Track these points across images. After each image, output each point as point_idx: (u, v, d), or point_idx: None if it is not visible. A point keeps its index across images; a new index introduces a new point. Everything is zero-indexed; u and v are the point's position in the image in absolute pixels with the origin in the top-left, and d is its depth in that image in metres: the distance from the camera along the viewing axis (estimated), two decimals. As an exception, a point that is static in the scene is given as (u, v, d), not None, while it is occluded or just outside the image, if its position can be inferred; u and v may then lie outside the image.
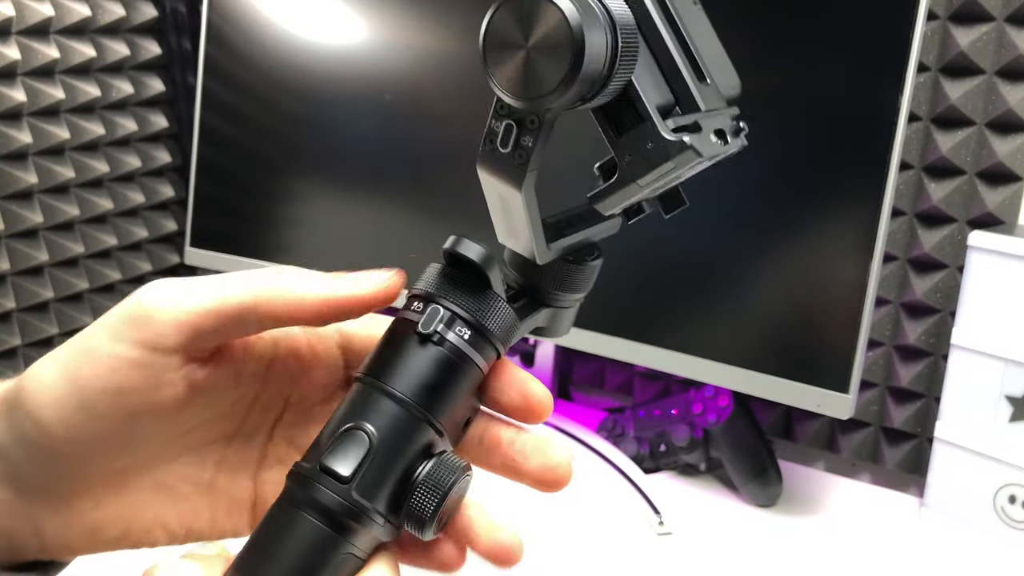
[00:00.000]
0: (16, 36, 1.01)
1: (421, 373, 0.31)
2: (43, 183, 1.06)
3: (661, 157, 0.32)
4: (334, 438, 0.30)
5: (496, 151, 0.32)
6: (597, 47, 0.29)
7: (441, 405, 0.32)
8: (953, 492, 0.78)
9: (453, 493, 0.31)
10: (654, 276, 0.81)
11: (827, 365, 0.73)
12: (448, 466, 0.31)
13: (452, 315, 0.32)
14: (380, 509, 0.30)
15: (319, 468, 0.30)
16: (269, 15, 1.00)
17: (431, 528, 0.31)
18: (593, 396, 1.09)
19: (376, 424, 0.31)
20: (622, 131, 0.32)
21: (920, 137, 0.84)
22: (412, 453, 0.31)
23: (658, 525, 0.77)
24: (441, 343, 0.32)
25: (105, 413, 0.29)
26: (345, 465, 0.30)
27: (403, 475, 0.31)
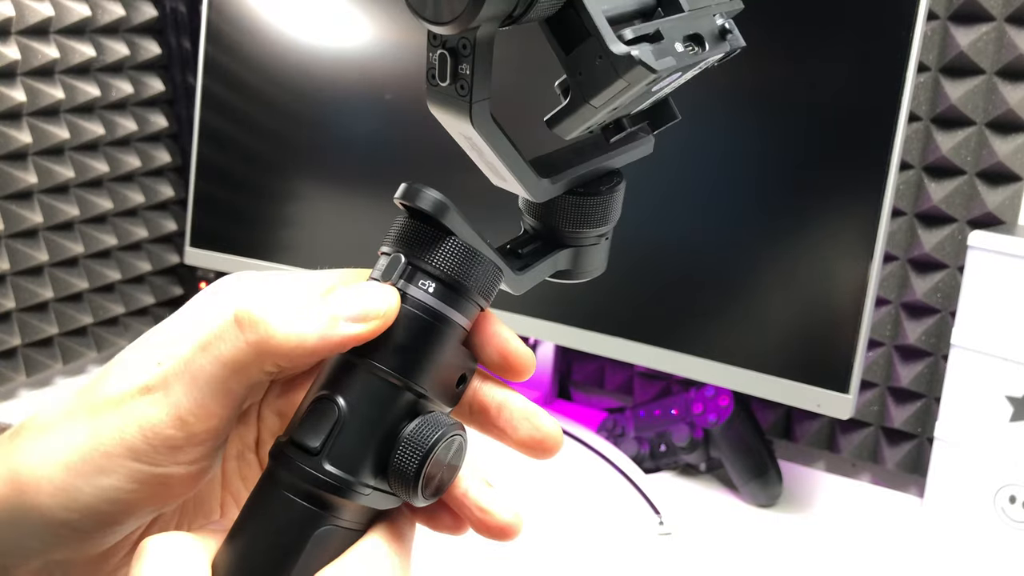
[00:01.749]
0: (16, 36, 1.00)
1: (389, 335, 0.29)
2: (43, 183, 1.05)
3: (610, 74, 0.28)
4: (304, 411, 0.30)
5: (438, 87, 0.30)
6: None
7: (416, 366, 0.30)
8: (953, 492, 0.78)
9: (439, 451, 0.29)
10: (654, 276, 0.81)
11: (827, 365, 0.73)
12: (432, 423, 0.29)
13: (412, 267, 0.30)
14: (363, 479, 0.29)
15: (291, 442, 0.29)
16: (269, 15, 1.00)
17: (418, 490, 0.29)
18: (593, 396, 1.09)
19: (345, 393, 0.29)
20: (571, 47, 0.29)
21: (920, 137, 0.84)
22: (390, 419, 0.29)
23: (658, 525, 0.77)
24: (404, 299, 0.30)
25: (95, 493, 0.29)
26: (314, 437, 0.29)
27: (384, 441, 0.29)
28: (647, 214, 0.80)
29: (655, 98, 0.33)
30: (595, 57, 0.28)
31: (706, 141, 0.77)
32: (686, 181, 0.78)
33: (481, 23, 0.27)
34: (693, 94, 0.77)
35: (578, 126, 0.31)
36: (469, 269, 0.30)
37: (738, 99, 0.75)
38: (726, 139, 0.76)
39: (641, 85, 0.29)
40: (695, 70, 0.32)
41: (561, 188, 0.33)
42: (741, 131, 0.76)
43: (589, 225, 0.34)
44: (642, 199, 0.80)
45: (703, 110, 0.77)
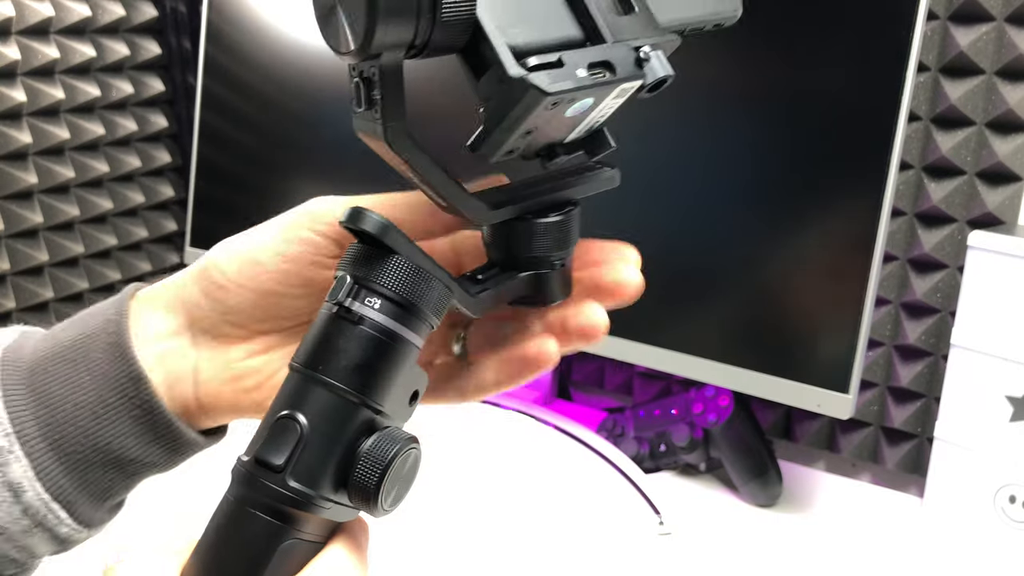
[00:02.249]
0: (16, 36, 1.01)
1: (344, 354, 0.31)
2: (43, 183, 1.06)
3: (510, 98, 0.30)
4: (267, 429, 0.31)
5: (358, 113, 0.32)
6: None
7: (372, 384, 0.31)
8: (953, 492, 0.78)
9: (396, 464, 0.30)
10: (654, 276, 0.81)
11: (827, 365, 0.73)
12: (389, 438, 0.31)
13: (359, 287, 0.31)
14: (324, 493, 0.30)
15: (255, 460, 0.30)
16: (269, 15, 1.00)
17: (378, 503, 0.30)
18: (593, 396, 1.09)
19: (306, 411, 0.30)
20: (479, 74, 0.31)
21: (920, 137, 0.84)
22: (349, 434, 0.30)
23: (658, 525, 0.77)
24: (359, 321, 0.31)
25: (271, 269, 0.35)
26: (277, 455, 0.30)
27: (344, 457, 0.30)
28: (647, 214, 0.80)
29: (585, 126, 0.34)
30: (498, 82, 0.29)
31: (706, 141, 0.77)
32: (686, 181, 0.78)
33: (382, 52, 0.29)
34: (693, 95, 0.77)
35: (495, 150, 0.32)
36: (416, 287, 0.31)
37: (738, 99, 0.75)
38: (726, 139, 0.76)
39: (541, 108, 0.29)
40: (614, 97, 0.32)
41: (508, 213, 0.34)
42: (741, 131, 0.76)
43: (541, 250, 0.36)
44: (642, 200, 0.80)
45: (703, 110, 0.77)
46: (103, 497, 0.35)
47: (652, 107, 0.84)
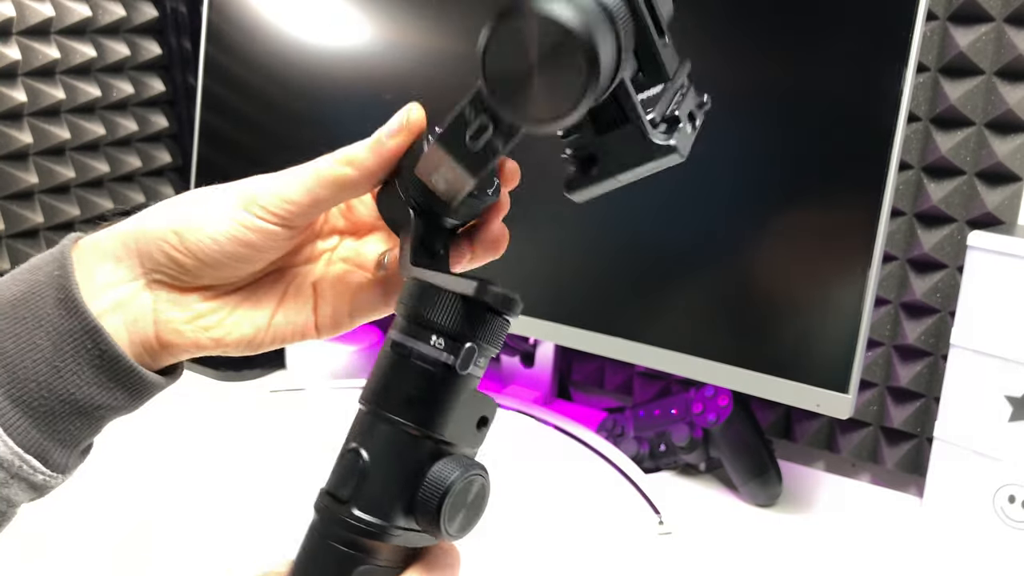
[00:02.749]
0: (17, 36, 1.01)
1: (400, 389, 0.32)
2: (43, 183, 1.06)
3: (647, 157, 0.31)
4: (337, 463, 0.33)
5: (462, 142, 0.32)
6: (607, 47, 0.27)
7: (430, 416, 0.32)
8: (952, 492, 0.78)
9: (457, 488, 0.31)
10: (654, 276, 0.81)
11: (827, 365, 0.73)
12: (451, 463, 0.31)
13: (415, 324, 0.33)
14: (394, 522, 0.31)
15: (326, 493, 0.32)
16: (269, 15, 1.00)
17: (441, 526, 0.31)
18: (593, 396, 1.09)
19: (369, 446, 0.32)
20: (604, 128, 0.31)
21: (920, 137, 0.84)
22: (412, 465, 0.31)
23: (658, 525, 0.77)
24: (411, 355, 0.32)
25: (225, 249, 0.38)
26: (343, 488, 0.32)
27: (410, 486, 0.31)
28: (647, 215, 0.80)
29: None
30: (631, 141, 0.31)
31: (706, 142, 0.77)
32: (686, 182, 0.78)
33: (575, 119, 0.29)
34: (693, 94, 0.77)
35: (597, 193, 0.33)
36: (468, 322, 0.32)
37: (738, 100, 0.76)
38: (726, 140, 0.76)
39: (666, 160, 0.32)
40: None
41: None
42: (741, 132, 0.76)
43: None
44: (642, 200, 0.80)
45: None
46: (73, 444, 0.37)
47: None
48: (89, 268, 0.37)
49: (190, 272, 0.38)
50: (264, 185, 0.38)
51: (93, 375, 0.36)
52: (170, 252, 0.37)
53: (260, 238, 0.38)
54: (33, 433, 0.35)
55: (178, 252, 0.37)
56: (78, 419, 0.36)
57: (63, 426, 0.36)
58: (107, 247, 0.38)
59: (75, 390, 0.36)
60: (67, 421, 0.36)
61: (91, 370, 0.36)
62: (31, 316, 0.35)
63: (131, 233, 0.38)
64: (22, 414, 0.35)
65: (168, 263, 0.38)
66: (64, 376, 0.35)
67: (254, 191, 0.38)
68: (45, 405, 0.35)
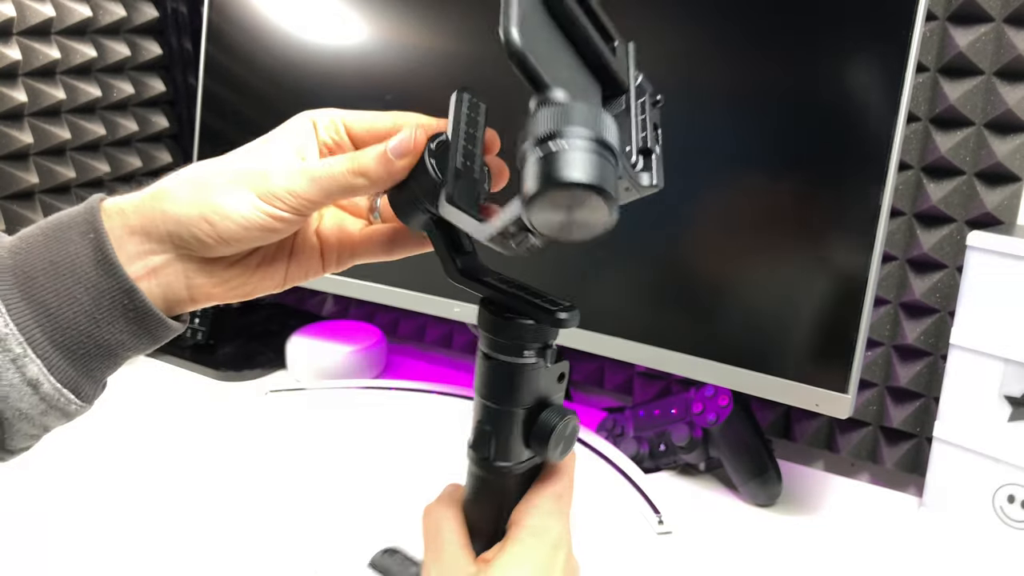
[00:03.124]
0: (17, 37, 1.01)
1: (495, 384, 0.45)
2: (44, 183, 1.06)
3: (634, 193, 0.40)
4: (473, 433, 0.46)
5: (507, 242, 0.40)
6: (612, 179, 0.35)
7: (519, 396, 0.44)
8: (952, 491, 0.78)
9: (559, 428, 0.44)
10: (654, 277, 0.81)
11: (826, 365, 0.73)
12: (552, 412, 0.45)
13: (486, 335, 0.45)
14: (521, 458, 0.45)
15: (473, 452, 0.46)
16: (270, 16, 1.00)
17: (547, 453, 0.45)
18: (593, 396, 1.09)
19: (490, 422, 0.45)
20: None
21: (919, 137, 0.84)
22: (520, 426, 0.44)
23: (658, 524, 0.77)
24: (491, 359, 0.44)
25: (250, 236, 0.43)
26: (483, 450, 0.45)
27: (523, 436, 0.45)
28: (647, 216, 0.80)
29: None
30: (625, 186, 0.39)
31: (705, 142, 0.77)
32: (685, 182, 0.78)
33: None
34: (693, 96, 0.77)
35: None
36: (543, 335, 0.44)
37: (738, 100, 0.76)
38: (726, 140, 0.76)
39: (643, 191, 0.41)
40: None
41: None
42: (740, 132, 0.76)
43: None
44: (642, 201, 0.80)
45: (702, 112, 0.77)
46: (100, 379, 0.43)
47: (652, 107, 0.83)
48: (119, 237, 0.42)
49: (215, 249, 0.43)
50: (282, 181, 0.43)
51: (125, 324, 0.42)
52: (201, 237, 0.42)
53: (280, 224, 0.43)
54: (70, 371, 0.41)
55: (208, 237, 0.42)
56: (107, 359, 0.43)
57: (94, 365, 0.42)
58: (135, 223, 0.42)
59: (109, 336, 0.42)
60: (98, 361, 0.42)
61: (124, 321, 0.42)
62: (70, 274, 0.41)
63: (159, 216, 0.43)
64: (62, 356, 0.41)
65: (197, 243, 0.43)
66: (101, 325, 0.41)
67: (271, 187, 0.43)
68: (82, 348, 0.41)
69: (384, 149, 0.43)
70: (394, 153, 0.42)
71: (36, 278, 0.41)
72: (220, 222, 0.42)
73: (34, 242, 0.41)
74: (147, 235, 0.42)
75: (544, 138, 0.34)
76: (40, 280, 0.41)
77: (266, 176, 0.43)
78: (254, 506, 0.78)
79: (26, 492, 0.78)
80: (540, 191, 0.34)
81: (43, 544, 0.71)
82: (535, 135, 0.34)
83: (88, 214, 0.42)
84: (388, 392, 1.01)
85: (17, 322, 0.40)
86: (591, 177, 0.33)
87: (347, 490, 0.81)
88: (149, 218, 0.42)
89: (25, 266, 0.41)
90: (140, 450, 0.87)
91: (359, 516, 0.76)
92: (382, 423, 0.95)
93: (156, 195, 0.43)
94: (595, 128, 0.34)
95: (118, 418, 0.92)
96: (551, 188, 0.33)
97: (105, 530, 0.73)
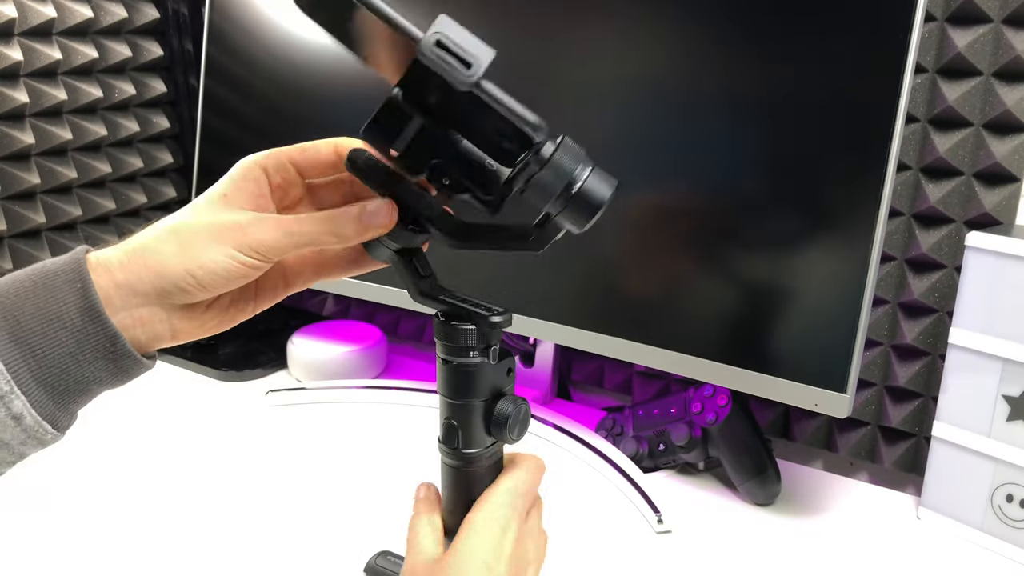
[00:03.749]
0: (18, 37, 1.01)
1: (453, 383, 0.51)
2: (45, 183, 1.06)
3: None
4: (442, 428, 0.52)
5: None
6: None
7: (472, 391, 0.51)
8: (950, 491, 0.78)
9: (512, 415, 0.51)
10: (654, 276, 0.82)
11: (825, 364, 0.73)
12: (507, 401, 0.51)
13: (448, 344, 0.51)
14: (485, 445, 0.52)
15: (442, 444, 0.52)
16: (271, 16, 1.00)
17: (509, 433, 0.51)
18: (592, 395, 1.09)
19: (454, 417, 0.51)
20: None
21: (918, 138, 0.85)
22: (481, 417, 0.51)
23: (657, 523, 0.78)
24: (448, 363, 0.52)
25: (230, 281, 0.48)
26: (451, 442, 0.52)
27: (485, 424, 0.51)
28: (647, 216, 0.80)
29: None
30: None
31: (704, 143, 0.77)
32: (684, 182, 0.79)
33: None
34: (692, 96, 0.78)
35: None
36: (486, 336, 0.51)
37: (737, 100, 0.76)
38: (725, 140, 0.77)
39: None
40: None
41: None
42: (740, 132, 0.76)
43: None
44: (642, 201, 0.80)
45: (702, 112, 0.77)
46: (74, 412, 0.48)
47: (652, 109, 0.84)
48: (105, 289, 0.46)
49: (195, 296, 0.47)
50: (258, 235, 0.47)
51: (105, 364, 0.46)
52: (184, 287, 0.47)
53: (255, 271, 0.48)
54: (50, 405, 0.45)
55: (191, 287, 0.47)
56: (83, 395, 0.47)
57: (70, 399, 0.46)
58: (120, 278, 0.46)
59: (88, 375, 0.46)
60: (75, 396, 0.46)
61: (104, 361, 0.46)
62: (56, 319, 0.45)
63: (143, 272, 0.47)
64: (44, 392, 0.45)
65: (179, 293, 0.47)
66: (82, 365, 0.46)
67: (248, 240, 0.47)
68: (62, 385, 0.45)
69: (358, 214, 0.48)
70: (367, 221, 0.48)
71: (24, 322, 0.45)
72: (204, 276, 0.47)
73: (21, 288, 0.46)
74: (132, 289, 0.47)
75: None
76: (28, 324, 0.45)
77: (243, 230, 0.47)
78: (254, 506, 0.78)
79: (28, 491, 0.78)
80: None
81: (43, 544, 0.71)
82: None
83: (75, 265, 0.46)
84: (388, 392, 1.01)
85: (5, 361, 0.44)
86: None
87: (347, 490, 0.81)
88: (135, 274, 0.47)
89: (14, 309, 0.45)
90: (141, 450, 0.87)
91: (359, 516, 0.77)
92: (382, 423, 0.96)
93: (139, 251, 0.47)
94: None
95: (119, 418, 0.92)
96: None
97: (105, 529, 0.73)
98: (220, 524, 0.75)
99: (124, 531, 0.73)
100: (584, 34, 0.82)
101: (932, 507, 0.80)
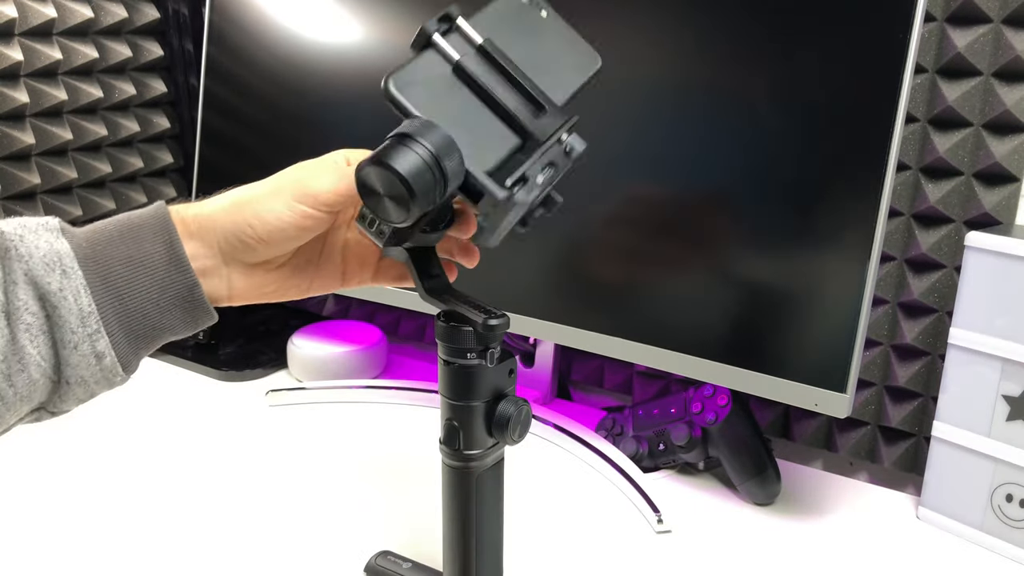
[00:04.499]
0: (19, 37, 1.01)
1: (456, 384, 0.53)
2: (46, 184, 1.06)
3: (502, 212, 0.47)
4: (443, 430, 0.54)
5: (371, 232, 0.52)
6: (425, 186, 0.43)
7: (474, 392, 0.52)
8: (950, 491, 0.78)
9: (514, 416, 0.52)
10: (654, 276, 0.82)
11: (825, 364, 0.74)
12: (508, 403, 0.53)
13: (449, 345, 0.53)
14: (487, 446, 0.53)
15: (443, 445, 0.54)
16: (271, 16, 1.00)
17: (511, 435, 0.53)
18: (592, 395, 1.09)
19: (457, 419, 0.53)
20: (476, 200, 0.47)
21: (918, 138, 0.85)
22: (483, 419, 0.52)
23: (657, 523, 0.78)
24: (451, 365, 0.53)
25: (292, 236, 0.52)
26: (453, 443, 0.53)
27: (487, 425, 0.53)
28: (647, 216, 0.81)
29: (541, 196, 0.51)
30: (493, 203, 0.46)
31: (704, 143, 0.78)
32: (684, 182, 0.79)
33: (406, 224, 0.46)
34: (692, 96, 0.78)
35: (494, 241, 0.50)
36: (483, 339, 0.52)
37: (737, 100, 0.76)
38: (724, 140, 0.77)
39: (522, 208, 0.48)
40: (558, 175, 0.50)
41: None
42: (739, 132, 0.76)
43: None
44: (642, 201, 0.80)
45: (701, 112, 0.77)
46: (142, 356, 0.51)
47: (651, 109, 0.84)
48: (181, 241, 0.50)
49: (256, 252, 0.51)
50: (316, 184, 0.51)
51: (180, 313, 0.50)
52: (245, 240, 0.51)
53: (312, 222, 0.51)
54: (125, 348, 0.49)
55: (251, 239, 0.51)
56: (154, 340, 0.51)
57: (142, 344, 0.50)
58: (193, 230, 0.51)
59: (165, 322, 0.50)
60: (147, 341, 0.50)
61: (180, 311, 0.50)
62: (142, 267, 0.49)
63: (209, 225, 0.51)
64: (123, 335, 0.49)
65: (242, 247, 0.51)
66: (163, 313, 0.50)
67: (306, 188, 0.51)
68: (140, 329, 0.49)
69: None
70: None
71: (114, 268, 0.48)
72: (261, 227, 0.50)
73: (110, 237, 0.49)
74: (201, 240, 0.51)
75: (403, 134, 0.44)
76: (117, 270, 0.49)
77: (301, 181, 0.51)
78: (254, 506, 0.78)
79: (28, 490, 0.78)
80: (373, 161, 0.44)
81: (44, 543, 0.71)
82: (400, 129, 0.44)
83: (160, 218, 0.51)
84: (388, 392, 1.01)
85: (97, 303, 0.47)
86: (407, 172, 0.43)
87: (347, 490, 0.81)
88: (204, 227, 0.51)
89: (103, 257, 0.49)
90: (142, 450, 0.87)
91: (359, 516, 0.77)
92: (382, 423, 0.96)
93: (208, 206, 0.52)
94: (439, 149, 0.43)
95: (120, 418, 0.92)
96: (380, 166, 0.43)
97: (106, 529, 0.74)
98: (220, 524, 0.75)
99: (124, 531, 0.73)
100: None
101: (932, 507, 0.80)
